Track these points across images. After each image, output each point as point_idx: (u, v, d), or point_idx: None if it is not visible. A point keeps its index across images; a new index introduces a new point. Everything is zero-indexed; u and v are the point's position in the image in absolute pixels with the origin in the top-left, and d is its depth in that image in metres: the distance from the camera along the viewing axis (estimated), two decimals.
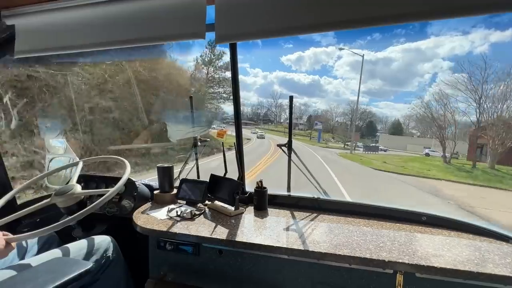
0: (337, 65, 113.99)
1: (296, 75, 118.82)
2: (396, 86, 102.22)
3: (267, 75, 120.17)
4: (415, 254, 0.97)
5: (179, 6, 1.07)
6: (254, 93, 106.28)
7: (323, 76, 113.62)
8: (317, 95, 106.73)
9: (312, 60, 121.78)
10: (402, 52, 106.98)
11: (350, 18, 0.95)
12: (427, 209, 1.32)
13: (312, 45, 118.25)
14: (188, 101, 1.79)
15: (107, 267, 1.18)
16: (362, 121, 54.16)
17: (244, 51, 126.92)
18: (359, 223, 1.28)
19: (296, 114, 65.11)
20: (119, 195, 1.47)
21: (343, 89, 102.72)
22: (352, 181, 9.65)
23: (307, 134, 50.80)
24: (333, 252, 0.98)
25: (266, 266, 1.13)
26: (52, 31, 1.23)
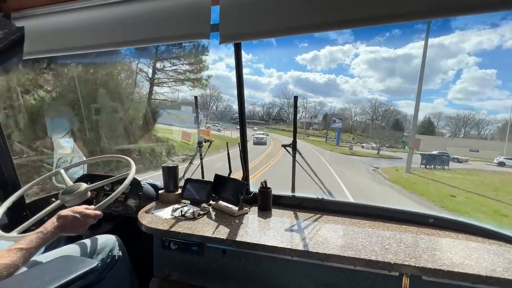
0: (353, 63, 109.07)
1: (311, 74, 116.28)
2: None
3: (282, 75, 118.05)
4: (421, 257, 0.95)
5: (184, 6, 1.07)
6: (269, 94, 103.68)
7: (339, 75, 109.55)
8: (333, 95, 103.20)
9: (328, 59, 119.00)
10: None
11: (355, 17, 0.95)
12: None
13: (327, 44, 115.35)
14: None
15: (112, 266, 1.20)
16: (386, 119, 49.15)
17: (258, 52, 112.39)
18: (364, 224, 1.27)
19: (311, 113, 63.17)
20: (125, 194, 1.49)
21: (360, 88, 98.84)
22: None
23: (322, 135, 46.56)
24: (338, 253, 0.97)
25: (270, 266, 1.12)
26: (60, 32, 1.25)
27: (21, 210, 1.50)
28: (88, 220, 1.03)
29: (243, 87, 1.48)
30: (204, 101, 65.89)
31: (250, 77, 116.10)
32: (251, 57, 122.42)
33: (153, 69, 14.36)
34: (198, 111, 1.80)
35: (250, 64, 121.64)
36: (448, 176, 11.62)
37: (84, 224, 1.02)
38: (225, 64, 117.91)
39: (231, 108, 68.84)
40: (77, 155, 1.74)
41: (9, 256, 0.74)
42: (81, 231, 1.03)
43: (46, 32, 1.26)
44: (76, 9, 1.18)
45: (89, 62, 7.60)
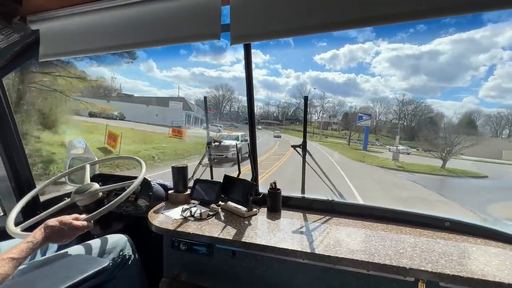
0: (374, 61, 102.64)
1: (330, 74, 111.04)
2: (444, 82, 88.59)
3: (300, 75, 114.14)
4: (438, 262, 0.92)
5: (195, 7, 1.07)
6: (286, 94, 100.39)
7: (359, 74, 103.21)
8: (353, 94, 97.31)
9: (347, 58, 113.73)
10: (451, 43, 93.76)
11: (367, 16, 0.92)
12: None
13: (347, 42, 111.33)
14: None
15: (123, 265, 1.21)
16: (417, 118, 43.22)
17: (276, 52, 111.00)
18: (377, 227, 1.24)
19: (329, 113, 60.79)
20: (135, 194, 1.50)
21: (381, 87, 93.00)
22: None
23: (342, 135, 41.83)
24: (350, 257, 0.95)
25: (280, 269, 1.10)
26: (74, 34, 1.27)
27: (35, 208, 1.54)
28: (75, 231, 1.00)
29: (253, 88, 1.47)
30: (217, 102, 65.71)
31: (268, 78, 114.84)
32: (268, 58, 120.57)
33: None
34: (207, 111, 1.80)
35: (267, 65, 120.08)
36: None
37: (70, 235, 0.99)
38: (243, 65, 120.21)
39: (246, 109, 70.30)
40: (89, 156, 1.77)
41: (2, 266, 0.74)
42: (67, 241, 1.00)
43: (60, 34, 1.29)
44: (89, 11, 1.19)
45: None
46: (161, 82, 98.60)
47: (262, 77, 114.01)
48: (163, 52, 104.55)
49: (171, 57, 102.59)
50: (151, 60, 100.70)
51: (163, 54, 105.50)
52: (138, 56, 11.61)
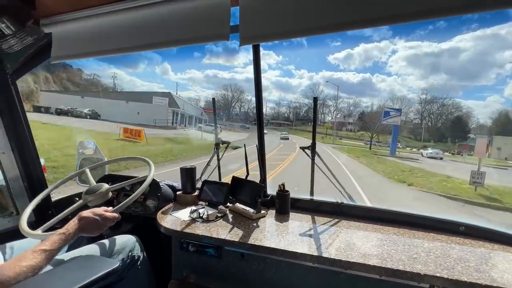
0: (391, 60, 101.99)
1: (344, 74, 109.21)
2: (466, 80, 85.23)
3: (313, 76, 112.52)
4: (454, 268, 0.89)
5: (204, 9, 1.07)
6: (299, 95, 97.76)
7: (374, 73, 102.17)
8: (368, 94, 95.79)
9: (362, 57, 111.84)
10: (474, 40, 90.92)
11: (377, 15, 0.90)
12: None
13: (362, 41, 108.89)
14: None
15: (132, 266, 1.21)
16: (443, 117, 39.39)
17: (289, 53, 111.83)
18: (388, 231, 1.21)
19: (343, 112, 58.82)
20: (144, 195, 1.51)
21: (398, 86, 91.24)
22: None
23: (358, 137, 38.72)
24: (362, 261, 0.93)
25: (290, 273, 1.09)
26: (86, 37, 1.29)
27: (47, 208, 1.57)
28: (107, 222, 1.06)
29: (261, 89, 1.46)
30: (226, 102, 65.51)
31: (280, 79, 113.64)
32: (281, 59, 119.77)
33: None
34: (215, 112, 1.80)
35: (280, 66, 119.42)
36: None
37: (103, 226, 1.05)
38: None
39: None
40: (99, 156, 1.79)
41: (34, 257, 0.77)
42: (99, 233, 1.06)
43: (72, 37, 1.31)
44: (100, 14, 1.21)
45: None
46: (175, 84, 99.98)
47: (275, 78, 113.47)
48: (177, 55, 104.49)
49: (186, 60, 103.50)
50: (166, 63, 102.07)
51: (177, 57, 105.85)
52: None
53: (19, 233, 1.06)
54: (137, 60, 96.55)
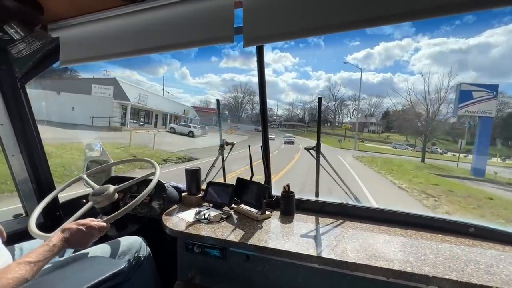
0: (413, 59, 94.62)
1: (363, 74, 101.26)
2: (498, 77, 78.97)
3: (331, 77, 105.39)
4: (464, 270, 0.87)
5: (208, 11, 1.08)
6: (316, 97, 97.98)
7: (396, 73, 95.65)
8: (389, 95, 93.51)
9: (383, 57, 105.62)
10: (506, 34, 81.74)
11: (383, 14, 0.89)
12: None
13: (382, 40, 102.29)
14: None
15: (138, 267, 1.22)
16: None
17: (305, 54, 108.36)
18: (395, 232, 1.19)
19: (364, 112, 54.33)
20: (149, 196, 1.52)
21: (422, 86, 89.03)
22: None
23: (384, 139, 33.72)
24: (369, 263, 0.91)
25: (295, 274, 1.08)
26: (93, 41, 1.31)
27: (55, 209, 1.59)
28: (93, 232, 1.00)
29: (265, 91, 1.46)
30: (236, 104, 64.32)
31: (297, 81, 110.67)
32: (298, 61, 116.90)
33: None
34: (220, 114, 1.81)
35: (297, 68, 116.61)
36: None
37: (89, 237, 0.99)
38: (272, 69, 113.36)
39: (271, 110, 66.42)
40: (106, 158, 1.81)
41: (19, 269, 0.75)
42: (86, 244, 1.01)
43: (79, 41, 1.33)
44: (106, 18, 1.23)
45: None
46: (193, 89, 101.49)
47: (292, 80, 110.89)
48: (195, 59, 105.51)
49: (203, 65, 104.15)
50: (185, 68, 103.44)
51: (195, 62, 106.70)
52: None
53: (28, 234, 1.07)
54: (157, 66, 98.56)
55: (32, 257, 0.80)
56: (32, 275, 0.77)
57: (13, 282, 0.72)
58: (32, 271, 0.77)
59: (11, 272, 0.73)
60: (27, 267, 0.77)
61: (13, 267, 0.75)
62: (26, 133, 1.48)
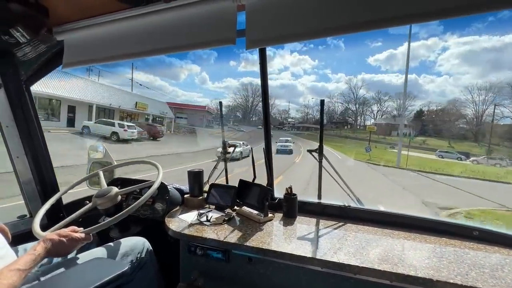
0: (441, 59, 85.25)
1: (386, 76, 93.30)
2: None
3: (351, 79, 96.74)
4: (468, 274, 0.86)
5: (211, 14, 1.09)
6: (337, 99, 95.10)
7: (421, 74, 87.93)
8: (414, 97, 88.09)
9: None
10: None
11: (383, 16, 0.89)
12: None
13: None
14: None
15: (140, 268, 1.22)
16: None
17: (325, 57, 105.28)
18: (399, 235, 1.18)
19: (389, 113, 48.28)
20: (152, 198, 1.53)
21: (450, 87, 79.05)
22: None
23: (420, 144, 26.90)
24: (372, 266, 0.91)
25: (298, 277, 1.08)
26: (96, 43, 1.33)
27: (58, 211, 1.60)
28: (74, 243, 1.00)
29: (268, 93, 1.47)
30: (246, 105, 60.04)
31: (316, 84, 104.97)
32: (317, 63, 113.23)
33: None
34: (222, 115, 1.81)
35: (316, 70, 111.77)
36: None
37: (70, 248, 1.00)
38: (291, 72, 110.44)
39: (287, 113, 63.94)
40: (109, 160, 1.83)
41: (12, 276, 0.77)
42: (66, 254, 1.02)
43: (83, 43, 1.35)
44: (110, 21, 1.24)
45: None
46: (213, 93, 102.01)
47: (310, 83, 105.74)
48: (215, 64, 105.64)
49: (222, 69, 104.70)
50: (205, 73, 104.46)
51: (215, 66, 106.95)
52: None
53: (32, 235, 1.08)
54: (178, 71, 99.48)
55: (21, 264, 0.81)
56: (20, 281, 0.79)
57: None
58: (21, 278, 0.79)
59: (6, 278, 0.75)
60: (17, 274, 0.78)
61: (5, 273, 0.77)
62: (31, 135, 1.49)
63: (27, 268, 0.82)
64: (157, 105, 28.67)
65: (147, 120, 25.18)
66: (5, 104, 1.39)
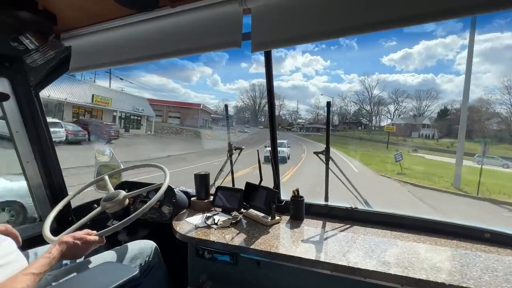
0: (460, 57, 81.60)
1: (401, 76, 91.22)
2: None
3: (365, 80, 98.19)
4: (481, 278, 0.85)
5: (216, 18, 1.09)
6: (349, 100, 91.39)
7: (439, 73, 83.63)
8: (431, 97, 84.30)
9: (423, 56, 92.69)
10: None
11: (388, 18, 0.88)
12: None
13: (422, 38, 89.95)
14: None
15: (149, 271, 1.23)
16: None
17: (337, 57, 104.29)
18: (408, 238, 1.17)
19: (408, 113, 44.37)
20: (159, 201, 1.53)
21: (470, 86, 75.00)
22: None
23: (447, 147, 23.37)
24: (382, 270, 0.90)
25: (307, 281, 1.07)
26: (103, 48, 1.34)
27: (67, 215, 1.62)
28: (88, 246, 1.02)
29: (273, 94, 1.47)
30: (255, 105, 59.09)
31: (328, 84, 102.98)
32: (329, 64, 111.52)
33: None
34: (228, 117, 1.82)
35: (328, 71, 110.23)
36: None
37: (84, 250, 1.01)
38: (302, 73, 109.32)
39: (297, 113, 63.19)
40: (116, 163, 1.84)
41: (26, 280, 0.78)
42: (81, 256, 1.03)
43: (90, 49, 1.36)
44: (116, 26, 1.25)
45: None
46: (225, 94, 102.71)
47: (322, 84, 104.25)
48: (227, 66, 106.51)
49: (234, 71, 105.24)
50: (216, 75, 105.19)
51: (226, 69, 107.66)
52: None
53: (43, 239, 1.09)
54: (190, 74, 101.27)
55: (35, 268, 0.83)
56: (34, 285, 0.80)
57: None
58: (35, 282, 0.80)
59: (20, 282, 0.76)
60: (32, 278, 0.79)
61: (20, 277, 0.78)
62: (40, 140, 1.52)
63: (41, 271, 0.83)
64: (131, 100, 23.71)
65: (114, 118, 21.19)
66: (15, 110, 1.42)
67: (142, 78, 41.04)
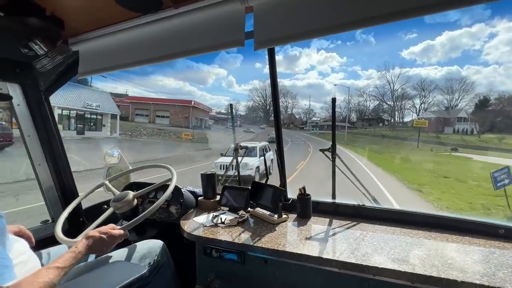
0: (487, 47, 77.49)
1: (422, 69, 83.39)
2: None
3: (384, 75, 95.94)
4: (495, 275, 0.82)
5: (220, 17, 1.10)
6: (368, 97, 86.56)
7: (465, 65, 77.67)
8: (466, 85, 74.44)
9: (447, 47, 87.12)
10: None
11: (392, 10, 0.86)
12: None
13: (445, 28, 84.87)
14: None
15: (158, 270, 1.24)
16: None
17: (354, 53, 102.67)
18: (418, 234, 1.14)
19: (444, 103, 38.19)
20: (167, 201, 1.55)
21: (500, 77, 71.80)
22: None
23: (495, 145, 18.84)
24: (392, 267, 0.88)
25: (315, 279, 1.06)
26: (109, 52, 1.37)
27: (78, 215, 1.66)
28: (113, 240, 1.04)
29: (278, 91, 1.46)
30: (265, 104, 58.14)
31: (345, 81, 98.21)
32: (345, 60, 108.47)
33: None
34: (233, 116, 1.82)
35: (344, 68, 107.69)
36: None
37: (110, 244, 1.03)
38: (317, 71, 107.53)
39: (311, 112, 61.81)
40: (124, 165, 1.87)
41: (49, 274, 0.79)
42: (107, 250, 1.05)
43: (97, 52, 1.39)
44: (122, 30, 1.27)
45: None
46: (240, 96, 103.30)
47: (339, 81, 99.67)
48: (241, 67, 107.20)
49: (248, 71, 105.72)
50: (231, 76, 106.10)
51: (241, 70, 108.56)
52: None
53: (55, 239, 1.12)
54: (206, 76, 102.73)
55: (60, 262, 0.84)
56: (59, 279, 0.81)
57: (44, 286, 0.76)
58: (59, 275, 0.82)
59: (42, 276, 0.78)
60: (56, 272, 0.81)
61: (43, 272, 0.80)
62: (51, 143, 1.56)
63: (66, 265, 0.85)
64: (88, 96, 18.02)
65: (60, 117, 16.18)
66: (27, 114, 1.46)
67: (160, 82, 41.74)
